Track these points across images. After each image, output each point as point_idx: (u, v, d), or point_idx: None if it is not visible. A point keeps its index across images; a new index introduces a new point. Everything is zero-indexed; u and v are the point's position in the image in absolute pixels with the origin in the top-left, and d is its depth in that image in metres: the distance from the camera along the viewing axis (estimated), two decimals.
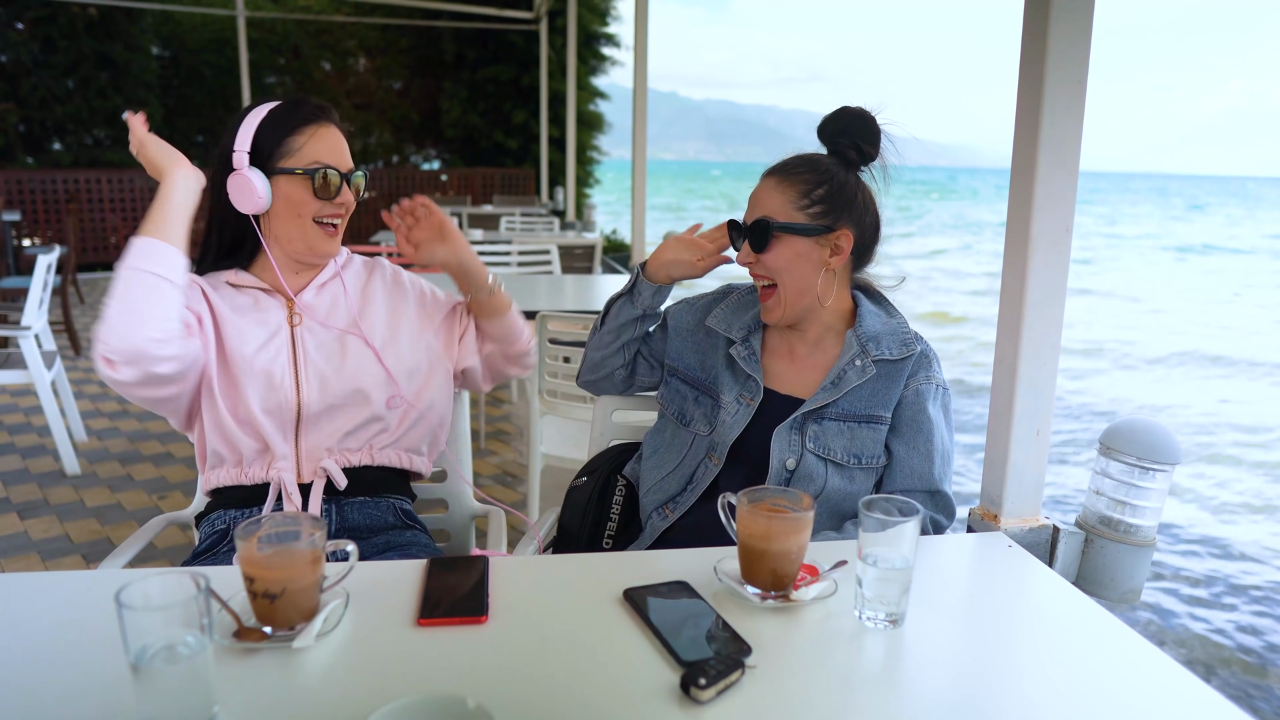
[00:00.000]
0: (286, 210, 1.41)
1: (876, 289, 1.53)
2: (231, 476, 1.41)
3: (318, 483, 1.41)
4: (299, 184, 1.40)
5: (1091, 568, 1.32)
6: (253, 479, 1.40)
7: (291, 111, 1.42)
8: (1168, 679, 0.93)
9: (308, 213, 1.41)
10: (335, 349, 1.46)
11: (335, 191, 1.41)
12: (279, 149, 1.39)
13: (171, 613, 0.78)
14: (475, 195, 11.89)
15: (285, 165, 1.39)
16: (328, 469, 1.42)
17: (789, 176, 1.41)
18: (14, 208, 8.65)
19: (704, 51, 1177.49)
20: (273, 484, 1.40)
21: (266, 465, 1.41)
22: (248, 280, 1.46)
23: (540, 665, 0.92)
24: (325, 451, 1.43)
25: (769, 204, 1.41)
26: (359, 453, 1.46)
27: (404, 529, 1.49)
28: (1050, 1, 1.20)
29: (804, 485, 1.39)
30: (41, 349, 3.74)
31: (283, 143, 1.39)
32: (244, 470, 1.41)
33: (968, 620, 1.08)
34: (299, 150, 1.40)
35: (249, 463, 1.41)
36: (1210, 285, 15.74)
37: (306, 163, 1.40)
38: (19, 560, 2.96)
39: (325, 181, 1.40)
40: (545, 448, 2.75)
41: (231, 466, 1.41)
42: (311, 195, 1.40)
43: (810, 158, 1.43)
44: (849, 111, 1.42)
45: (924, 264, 17.76)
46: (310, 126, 1.41)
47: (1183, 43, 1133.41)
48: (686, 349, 1.55)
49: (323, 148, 1.41)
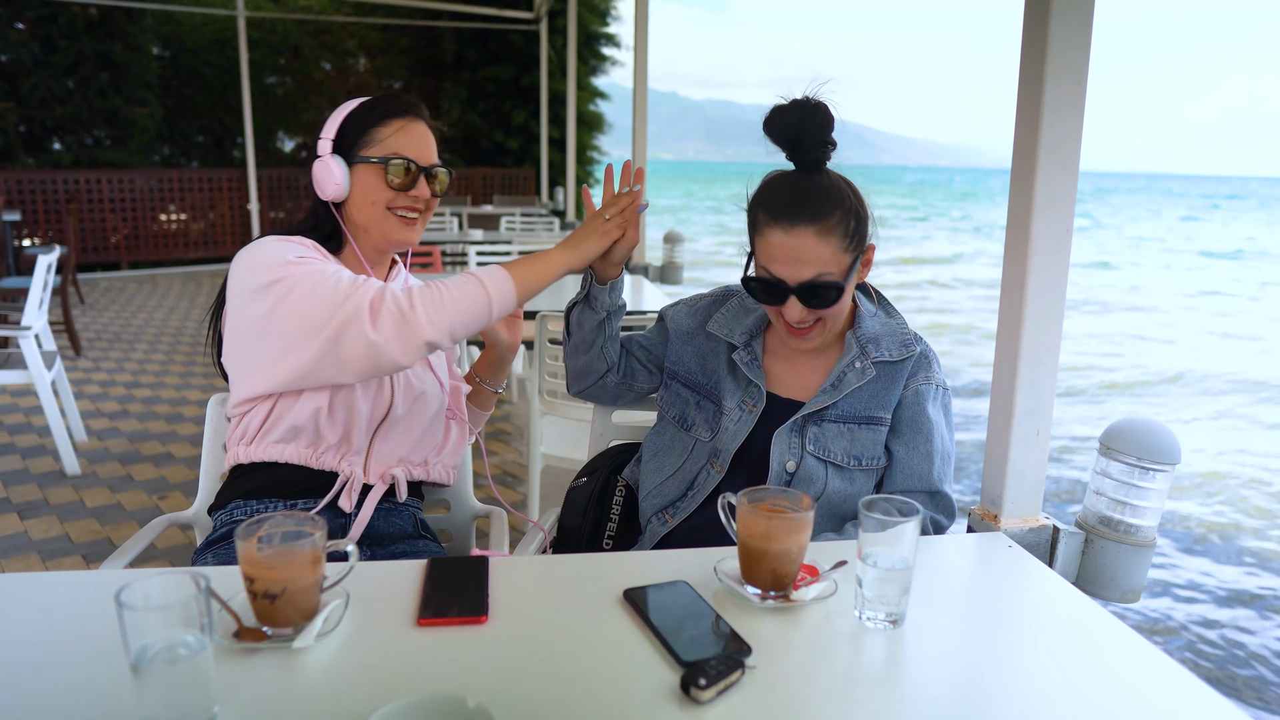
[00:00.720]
0: (362, 198, 1.43)
1: (874, 289, 1.53)
2: (303, 456, 1.39)
3: (380, 487, 1.44)
4: (375, 173, 1.41)
5: (1091, 568, 1.32)
6: (323, 465, 1.40)
7: (380, 104, 1.44)
8: (1168, 679, 0.93)
9: (381, 201, 1.42)
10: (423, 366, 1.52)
11: (410, 183, 1.42)
12: (363, 138, 1.42)
13: (171, 613, 0.78)
14: (475, 195, 11.89)
15: (365, 154, 1.41)
16: (396, 477, 1.45)
17: (826, 222, 1.30)
18: (14, 208, 8.65)
19: (704, 51, 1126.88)
20: (341, 475, 1.41)
21: (340, 457, 1.41)
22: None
23: (540, 665, 0.92)
24: (396, 460, 1.47)
25: (820, 259, 1.30)
26: (420, 467, 1.52)
27: (418, 538, 1.51)
28: (1050, 1, 1.20)
29: (804, 487, 1.39)
30: (41, 349, 3.74)
31: (367, 133, 1.42)
32: (317, 454, 1.40)
33: (968, 620, 1.08)
34: (381, 141, 1.42)
35: (325, 449, 1.40)
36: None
37: (386, 153, 1.41)
38: (19, 560, 2.96)
39: (400, 172, 1.41)
40: (545, 448, 2.75)
41: (305, 446, 1.39)
42: (384, 184, 1.41)
43: (825, 189, 1.32)
44: (800, 106, 1.31)
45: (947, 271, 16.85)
46: (397, 119, 1.43)
47: (1183, 43, 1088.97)
48: (687, 353, 1.54)
49: (405, 140, 1.43)
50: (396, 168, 1.41)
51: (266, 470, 1.40)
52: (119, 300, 8.18)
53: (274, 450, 1.39)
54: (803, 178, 1.34)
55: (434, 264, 5.29)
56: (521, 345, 1.70)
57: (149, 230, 9.99)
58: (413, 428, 1.49)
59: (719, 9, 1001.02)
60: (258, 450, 1.39)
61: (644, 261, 5.38)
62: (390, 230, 1.44)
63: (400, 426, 1.47)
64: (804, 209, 1.30)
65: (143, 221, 9.92)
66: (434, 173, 1.46)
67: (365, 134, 1.42)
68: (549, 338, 2.67)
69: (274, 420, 1.38)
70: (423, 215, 1.48)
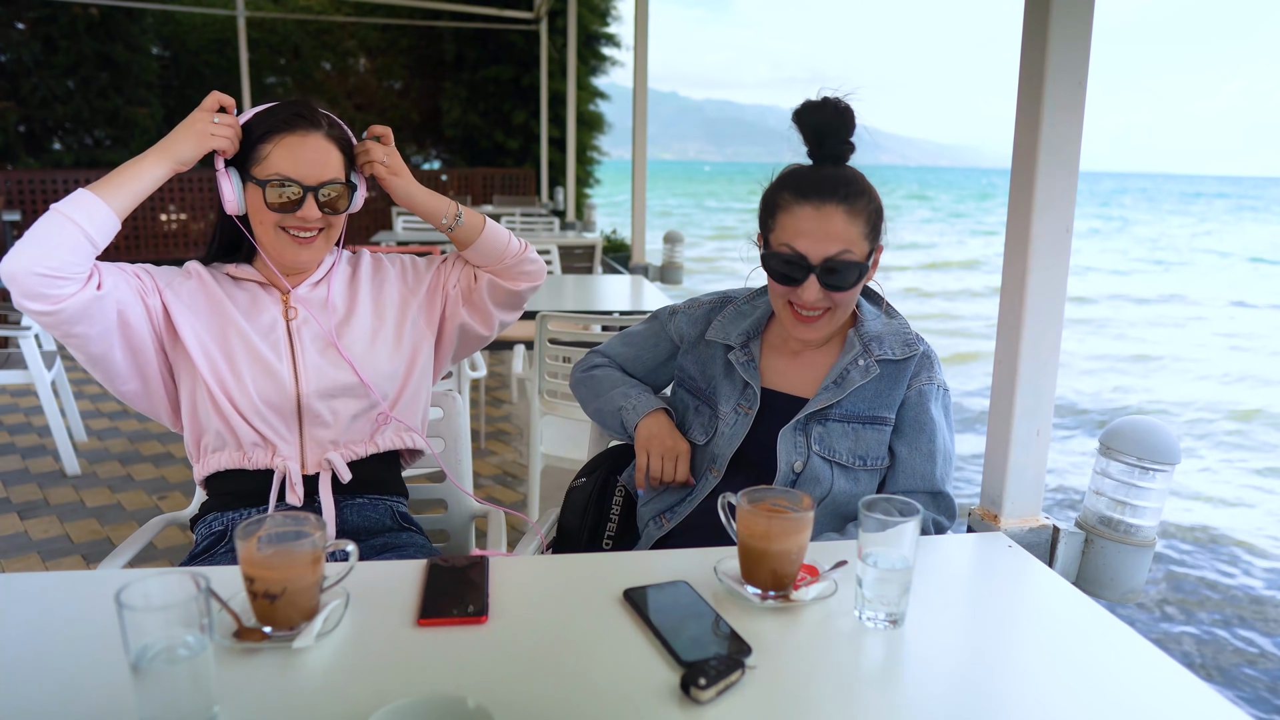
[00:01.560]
0: (254, 217, 1.40)
1: (874, 290, 1.53)
2: (234, 460, 1.41)
3: (324, 475, 1.43)
4: (258, 193, 1.37)
5: (1091, 568, 1.32)
6: (256, 464, 1.41)
7: (266, 117, 1.38)
8: (1168, 679, 0.93)
9: (269, 221, 1.39)
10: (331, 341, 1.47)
11: (293, 205, 1.36)
12: (252, 154, 1.37)
13: (171, 613, 0.78)
14: (475, 195, 11.88)
15: (252, 173, 1.37)
16: (332, 462, 1.43)
17: (855, 205, 1.33)
18: (14, 208, 8.65)
19: (704, 51, 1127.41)
20: (277, 471, 1.41)
21: (270, 454, 1.41)
22: (248, 274, 1.47)
23: (540, 665, 0.92)
24: (330, 444, 1.45)
25: (847, 237, 1.32)
26: (362, 444, 1.48)
27: (400, 530, 1.50)
28: (1050, 1, 1.20)
29: (810, 487, 1.39)
30: (41, 349, 3.74)
31: (255, 148, 1.37)
32: (246, 455, 1.41)
33: (968, 620, 1.08)
34: (264, 160, 1.36)
35: (253, 448, 1.41)
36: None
37: (267, 174, 1.36)
38: (19, 560, 2.96)
39: (278, 194, 1.36)
40: (545, 448, 2.75)
41: (234, 450, 1.41)
42: (265, 207, 1.37)
43: (852, 177, 1.35)
44: (832, 105, 1.35)
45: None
46: (282, 135, 1.36)
47: (1183, 43, 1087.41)
48: (688, 360, 1.55)
49: (287, 158, 1.36)
50: (274, 190, 1.35)
51: (218, 480, 1.44)
52: None
53: (213, 461, 1.42)
54: (829, 167, 1.37)
55: None
56: (521, 345, 1.68)
57: (149, 230, 9.98)
58: (341, 409, 1.45)
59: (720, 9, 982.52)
60: (205, 465, 1.43)
61: (644, 261, 5.38)
62: (283, 251, 1.41)
63: (325, 411, 1.44)
64: (836, 189, 1.33)
65: (143, 221, 9.92)
66: (323, 193, 1.37)
67: (253, 149, 1.37)
68: (549, 338, 2.67)
69: (196, 434, 1.43)
70: (322, 234, 1.42)
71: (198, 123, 1.33)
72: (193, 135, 1.32)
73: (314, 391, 1.43)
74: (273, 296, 1.47)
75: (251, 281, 1.47)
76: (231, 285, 1.47)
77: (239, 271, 1.47)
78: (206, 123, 1.33)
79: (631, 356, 1.62)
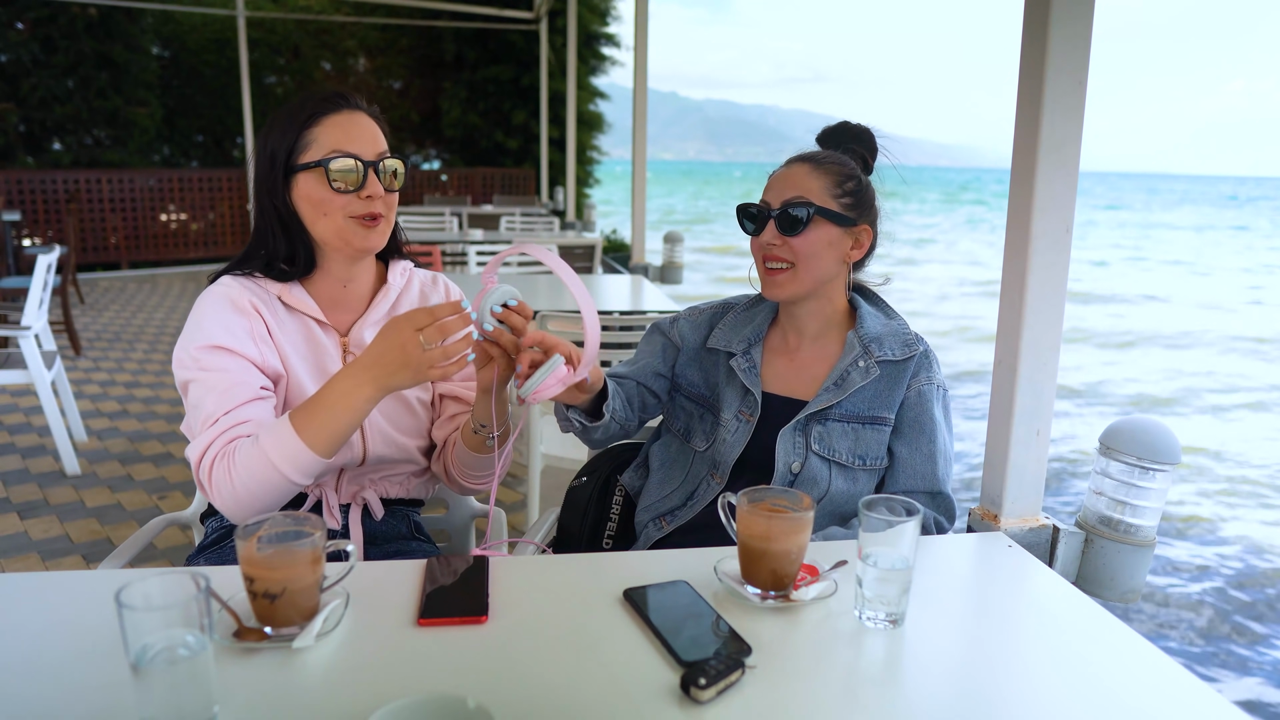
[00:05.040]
0: (313, 212, 1.29)
1: (873, 291, 1.53)
2: None
3: (355, 509, 1.41)
4: (317, 178, 1.26)
5: (1091, 568, 1.32)
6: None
7: (306, 103, 1.30)
8: (1168, 679, 0.93)
9: (334, 210, 1.28)
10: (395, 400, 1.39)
11: (358, 181, 1.26)
12: (297, 145, 1.28)
13: (171, 613, 0.78)
14: (475, 195, 11.89)
15: (302, 161, 1.27)
16: (367, 500, 1.42)
17: (822, 165, 1.41)
18: (14, 208, 8.64)
19: (704, 51, 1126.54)
20: (310, 496, 1.38)
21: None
22: (299, 301, 1.34)
23: (540, 665, 0.92)
24: (368, 481, 1.43)
25: (804, 187, 1.39)
26: (398, 487, 1.47)
27: (411, 539, 1.50)
28: (1050, 1, 1.20)
29: (808, 488, 1.39)
30: (41, 349, 3.74)
31: (299, 138, 1.28)
32: None
33: (968, 620, 1.08)
34: (314, 143, 1.27)
35: None
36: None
37: (324, 151, 1.26)
38: (19, 560, 2.96)
39: (342, 171, 1.25)
40: (545, 448, 2.75)
41: None
42: (330, 189, 1.26)
43: (835, 153, 1.44)
44: (851, 126, 1.46)
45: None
46: (330, 115, 1.28)
47: (1183, 43, 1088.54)
48: (690, 367, 1.55)
49: (339, 135, 1.27)
50: (337, 166, 1.25)
51: None
52: (119, 300, 8.18)
53: None
54: (835, 151, 1.44)
55: (434, 264, 5.29)
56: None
57: (149, 230, 9.99)
58: (390, 464, 1.44)
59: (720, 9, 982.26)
60: None
61: (644, 261, 5.38)
62: (352, 238, 1.30)
63: (378, 465, 1.42)
64: (813, 154, 1.44)
65: (142, 221, 9.92)
66: (382, 166, 1.29)
67: (298, 139, 1.27)
68: None
69: None
70: (385, 217, 1.32)
71: (410, 349, 1.11)
72: (408, 366, 1.13)
73: (378, 453, 1.39)
74: (331, 340, 1.36)
75: (306, 315, 1.35)
76: (286, 316, 1.34)
77: (291, 296, 1.33)
78: (416, 341, 1.11)
79: (637, 369, 1.57)
